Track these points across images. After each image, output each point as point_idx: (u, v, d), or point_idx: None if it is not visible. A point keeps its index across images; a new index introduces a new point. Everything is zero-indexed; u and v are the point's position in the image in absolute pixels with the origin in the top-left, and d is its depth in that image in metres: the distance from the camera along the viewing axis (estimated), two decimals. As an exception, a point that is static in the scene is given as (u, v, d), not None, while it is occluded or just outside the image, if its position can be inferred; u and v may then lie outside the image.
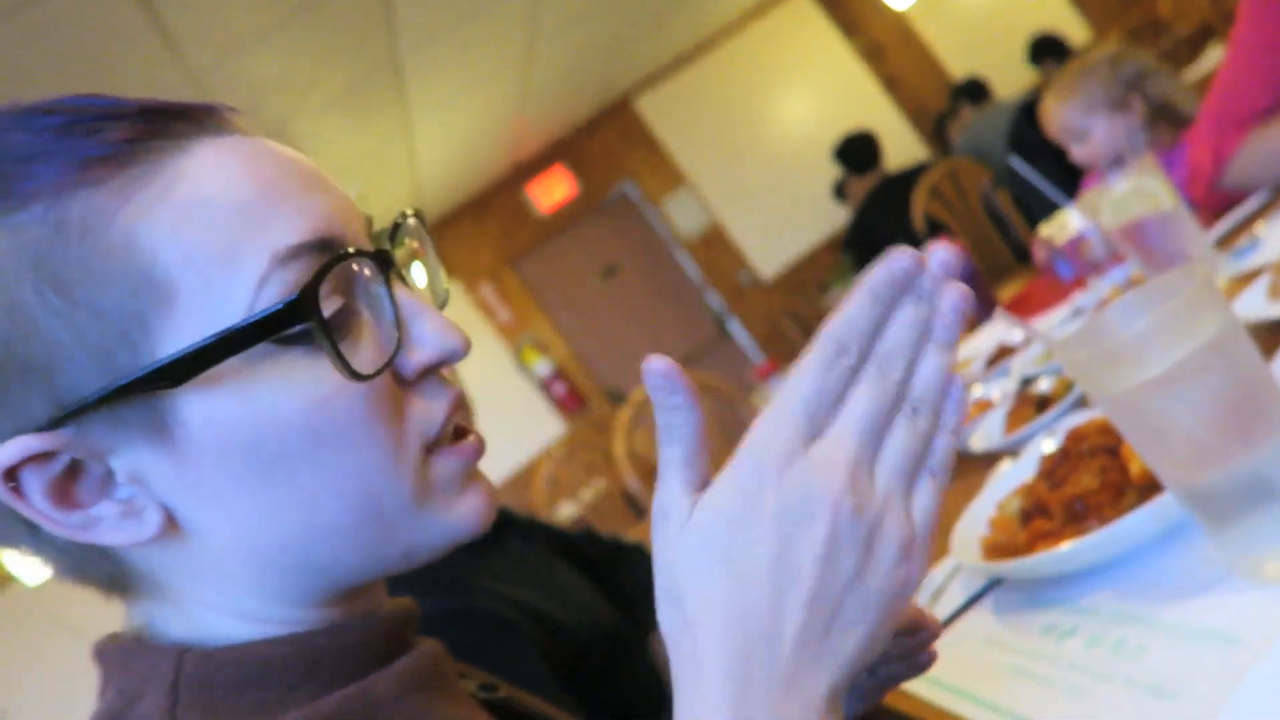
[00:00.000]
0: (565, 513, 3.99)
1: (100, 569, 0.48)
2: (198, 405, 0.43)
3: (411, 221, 0.53)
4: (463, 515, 0.50)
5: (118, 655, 0.48)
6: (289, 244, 0.44)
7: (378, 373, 0.45)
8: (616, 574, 1.45)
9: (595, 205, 6.53)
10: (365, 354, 0.46)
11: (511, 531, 1.29)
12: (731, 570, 0.38)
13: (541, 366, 6.19)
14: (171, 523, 0.45)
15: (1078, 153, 1.86)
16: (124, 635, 0.50)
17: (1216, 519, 0.61)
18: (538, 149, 6.36)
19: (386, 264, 0.48)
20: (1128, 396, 0.59)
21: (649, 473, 2.86)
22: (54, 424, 0.42)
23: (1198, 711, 0.52)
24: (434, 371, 0.49)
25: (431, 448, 0.49)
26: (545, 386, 6.17)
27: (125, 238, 0.42)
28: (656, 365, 0.40)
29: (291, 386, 0.44)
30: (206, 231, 0.43)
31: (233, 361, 0.42)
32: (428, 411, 0.49)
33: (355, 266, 0.47)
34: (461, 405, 0.52)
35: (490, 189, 6.36)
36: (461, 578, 1.10)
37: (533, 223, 6.45)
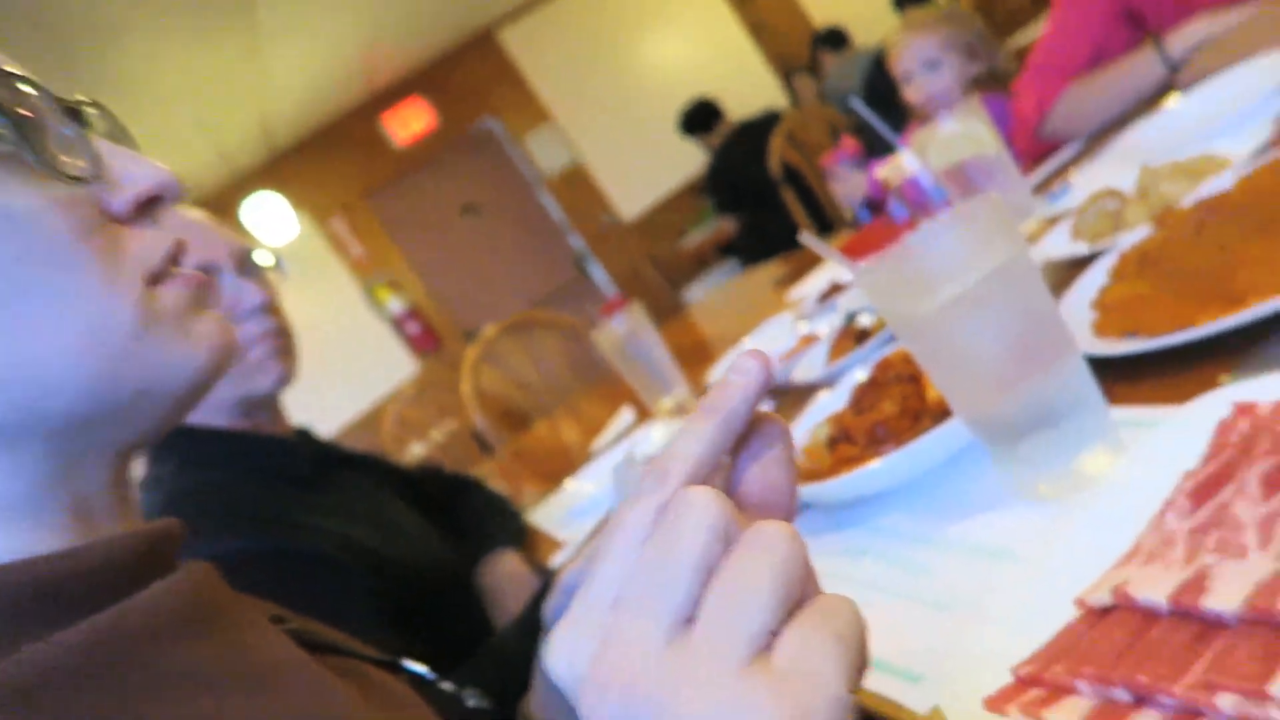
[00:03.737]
0: (415, 453, 3.91)
1: None
2: None
3: (93, 110, 0.49)
4: (195, 344, 0.48)
5: None
6: None
7: (80, 180, 0.44)
8: (452, 509, 1.43)
9: (456, 140, 6.34)
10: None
11: (344, 468, 1.25)
12: None
13: (394, 305, 6.01)
14: None
15: (915, 90, 1.91)
16: None
17: (999, 443, 0.64)
18: (395, 78, 6.10)
19: (78, 117, 0.46)
20: (920, 320, 0.60)
21: (497, 411, 2.83)
22: None
23: (973, 620, 0.54)
24: (149, 213, 0.48)
25: (155, 281, 0.47)
26: (398, 325, 6.01)
27: None
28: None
29: None
30: None
31: None
32: (145, 246, 0.47)
33: (43, 106, 0.45)
34: (187, 250, 0.50)
35: (344, 119, 6.08)
36: (286, 515, 1.07)
37: (389, 156, 6.21)
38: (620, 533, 0.32)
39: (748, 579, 0.29)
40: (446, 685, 0.66)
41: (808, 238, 0.62)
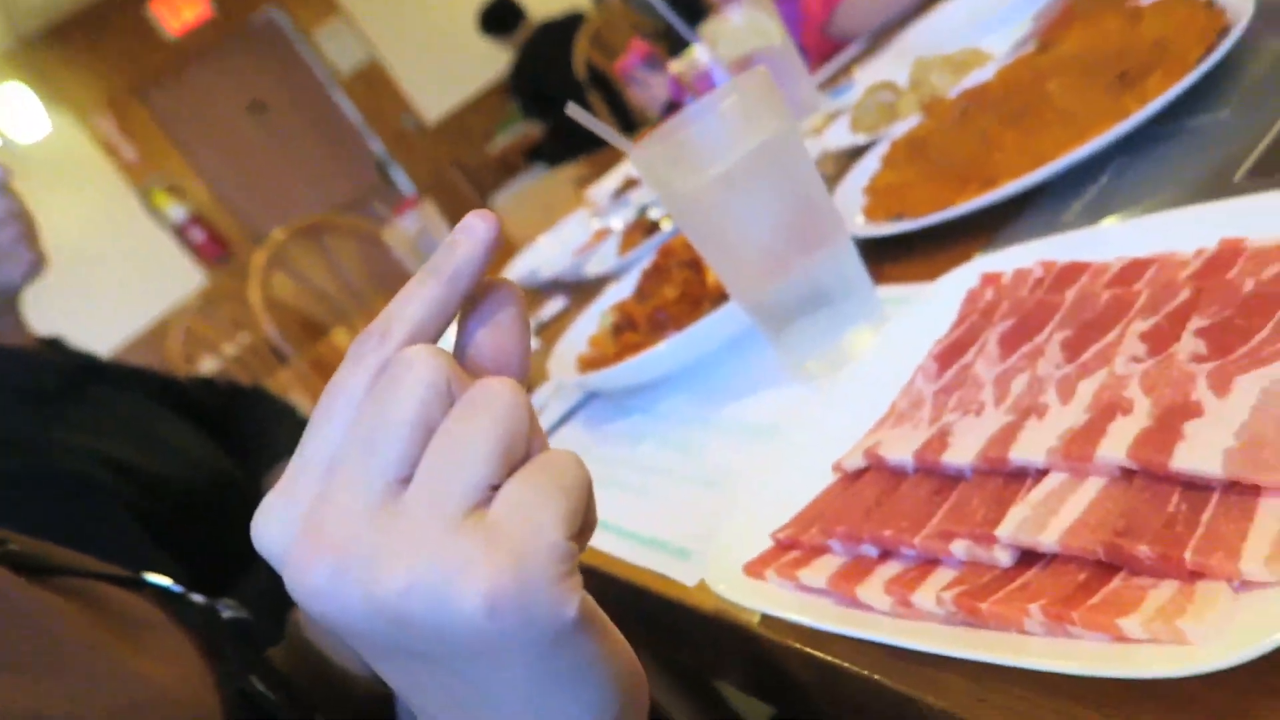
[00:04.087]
0: (207, 368, 3.68)
1: None
2: None
3: None
4: None
5: None
6: None
7: None
8: (232, 419, 1.35)
9: (237, 32, 5.83)
10: None
11: (97, 380, 1.14)
12: None
13: (175, 211, 5.55)
14: None
15: None
16: None
17: (772, 325, 0.64)
18: (161, -42, 5.52)
19: None
20: (689, 198, 0.59)
21: (293, 320, 2.69)
22: None
23: (740, 495, 0.55)
24: None
25: None
26: (181, 233, 5.56)
27: None
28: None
29: None
30: None
31: None
32: None
33: None
34: None
35: (104, 3, 5.45)
36: (30, 434, 0.97)
37: (162, 47, 5.64)
38: (337, 394, 0.29)
39: (465, 434, 0.27)
40: (198, 598, 0.62)
41: (575, 110, 0.59)
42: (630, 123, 3.09)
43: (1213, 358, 0.37)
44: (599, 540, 0.61)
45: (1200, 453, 0.33)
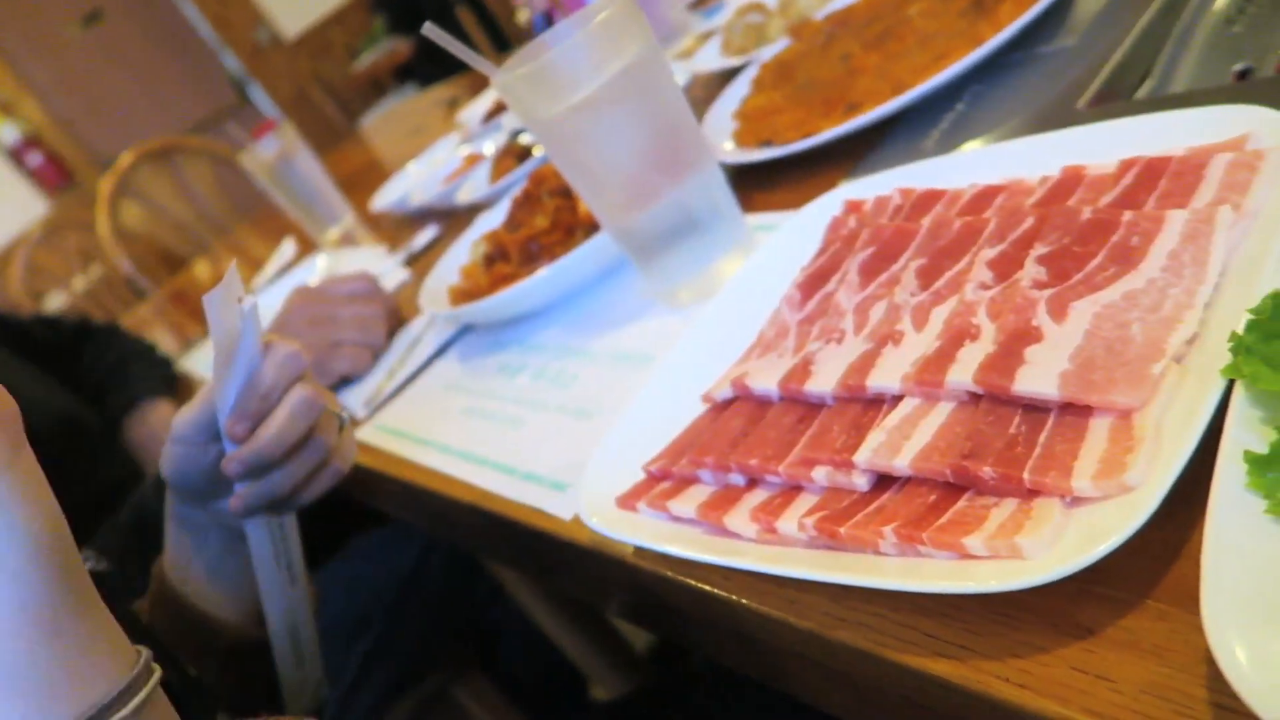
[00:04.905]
0: (55, 304, 3.45)
1: None
2: None
3: None
4: None
5: None
6: None
7: None
8: (82, 359, 1.27)
9: (66, -67, 5.34)
10: None
11: None
12: None
13: (8, 132, 5.11)
14: None
15: None
16: None
17: (644, 255, 0.64)
18: None
19: None
20: (554, 125, 0.58)
21: (149, 251, 2.54)
22: None
23: (613, 426, 0.55)
24: None
25: None
26: (16, 157, 5.14)
27: None
28: None
29: None
30: None
31: None
32: None
33: None
34: None
35: (-94, -103, 4.90)
36: None
37: (-20, -51, 5.12)
38: None
39: None
40: None
41: (433, 29, 0.57)
42: (504, 41, 2.99)
43: (1052, 284, 0.39)
44: (475, 475, 0.61)
45: (1038, 376, 0.35)
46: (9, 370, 1.07)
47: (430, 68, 4.35)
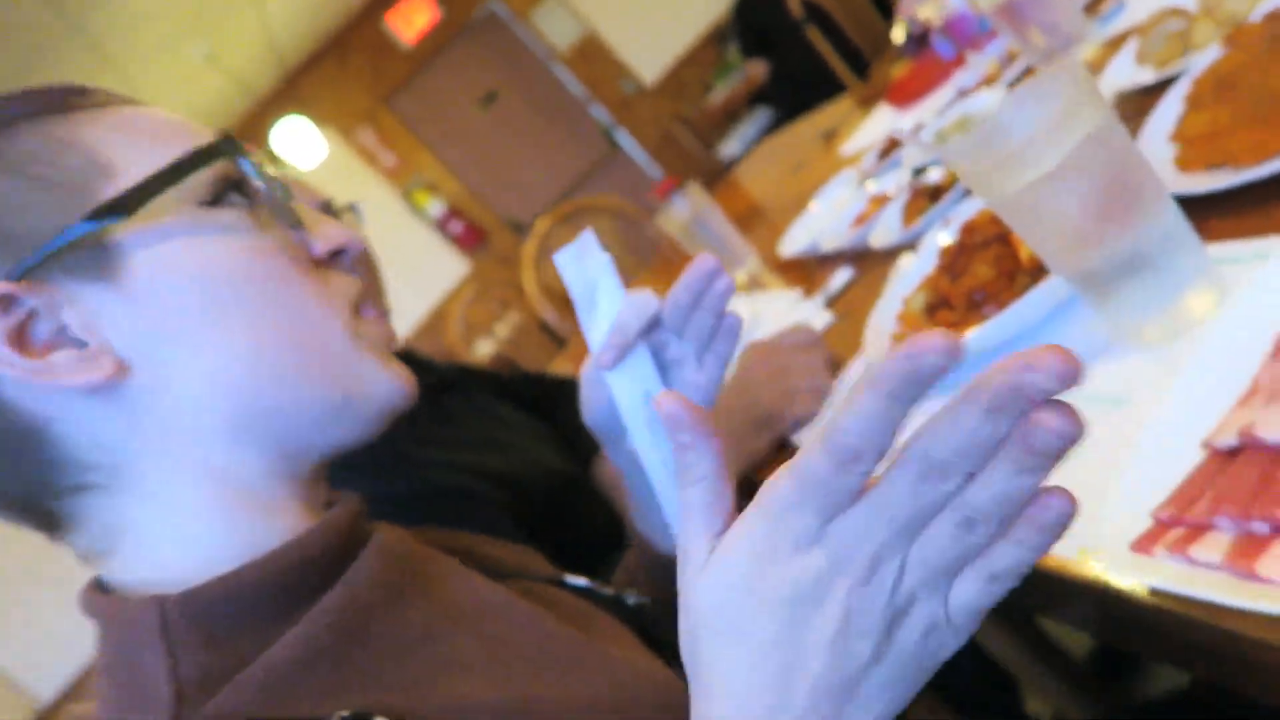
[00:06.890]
0: (484, 350, 4.01)
1: (41, 482, 0.50)
2: (143, 251, 0.50)
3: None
4: (396, 375, 0.57)
5: (99, 609, 0.50)
6: (204, 142, 0.54)
7: (297, 224, 0.55)
8: (557, 413, 1.46)
9: (462, 29, 6.20)
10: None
11: (447, 393, 1.27)
12: (739, 640, 0.37)
13: (434, 207, 6.03)
14: (123, 366, 0.49)
15: None
16: (97, 585, 0.52)
17: (1099, 293, 0.67)
18: (389, -26, 5.94)
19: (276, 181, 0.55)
20: (1015, 197, 0.63)
21: (564, 303, 2.89)
22: (12, 277, 0.47)
23: (1103, 468, 0.58)
24: (340, 258, 0.58)
25: (355, 309, 0.57)
26: (441, 226, 6.04)
27: (70, 134, 0.51)
28: (665, 404, 0.37)
29: (227, 238, 0.52)
30: (136, 133, 0.53)
31: (168, 201, 0.51)
32: (345, 282, 0.58)
33: (253, 167, 0.54)
34: (375, 291, 0.63)
35: (348, 25, 5.97)
36: (409, 454, 1.07)
37: (400, 56, 6.10)
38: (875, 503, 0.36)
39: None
40: (607, 590, 0.72)
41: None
42: (859, 62, 3.02)
43: None
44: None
45: None
46: (516, 432, 1.23)
47: (785, 91, 4.47)
